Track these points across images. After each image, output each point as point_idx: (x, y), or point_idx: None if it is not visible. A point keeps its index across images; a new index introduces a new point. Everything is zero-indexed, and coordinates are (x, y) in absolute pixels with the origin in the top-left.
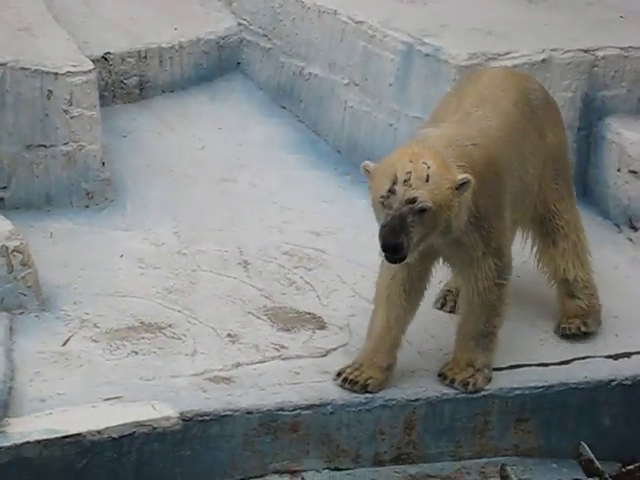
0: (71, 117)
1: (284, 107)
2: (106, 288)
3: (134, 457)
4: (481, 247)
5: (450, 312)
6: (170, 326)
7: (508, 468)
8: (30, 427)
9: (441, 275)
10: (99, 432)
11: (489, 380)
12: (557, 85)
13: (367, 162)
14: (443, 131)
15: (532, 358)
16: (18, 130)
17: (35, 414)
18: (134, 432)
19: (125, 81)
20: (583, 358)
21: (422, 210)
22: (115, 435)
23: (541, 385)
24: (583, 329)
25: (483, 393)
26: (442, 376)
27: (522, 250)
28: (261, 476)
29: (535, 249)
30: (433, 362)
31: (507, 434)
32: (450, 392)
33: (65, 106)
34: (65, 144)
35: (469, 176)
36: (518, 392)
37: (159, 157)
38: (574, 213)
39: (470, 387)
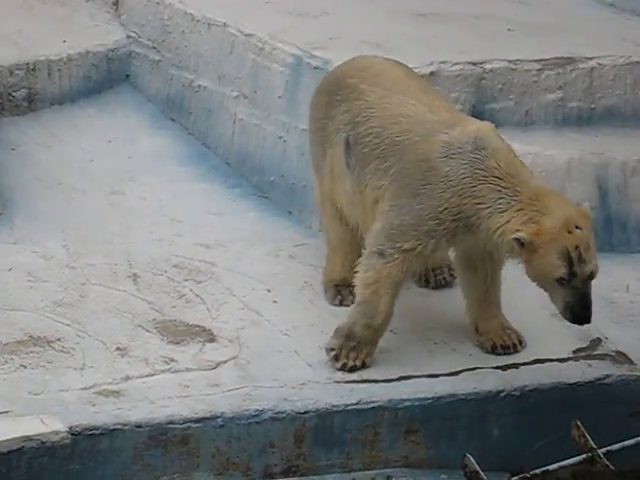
0: None
1: (174, 120)
2: None
3: (23, 472)
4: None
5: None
6: (59, 340)
7: None
8: None
9: None
10: None
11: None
12: (446, 97)
13: (521, 235)
14: (498, 146)
15: (421, 369)
16: None
17: None
18: (23, 447)
19: (13, 94)
20: (472, 369)
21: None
22: (3, 450)
23: (430, 396)
24: (451, 272)
25: (372, 405)
26: (491, 348)
27: None
28: None
29: None
30: (324, 374)
31: (397, 445)
32: (340, 404)
33: None
34: None
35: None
36: (407, 403)
37: (48, 170)
38: None
39: (516, 342)
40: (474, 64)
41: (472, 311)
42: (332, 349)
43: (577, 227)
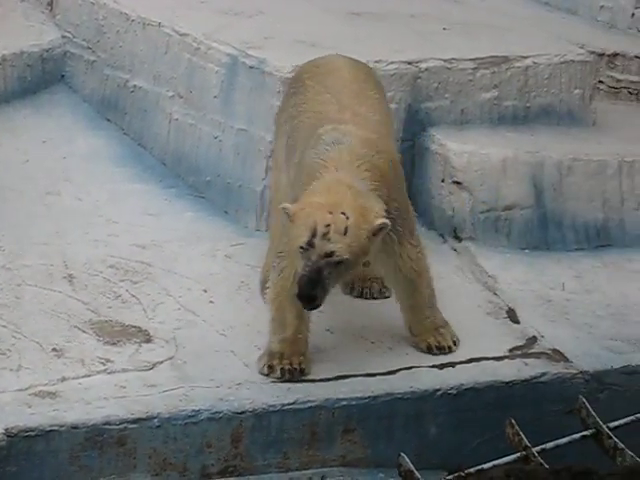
0: None
1: (109, 120)
2: None
3: None
4: (397, 242)
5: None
6: None
7: None
8: None
9: None
10: None
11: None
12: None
13: (286, 205)
14: (350, 143)
15: (358, 368)
16: None
17: None
18: None
19: None
20: (409, 368)
21: (339, 262)
22: None
23: (367, 395)
24: (383, 291)
25: (310, 404)
26: (427, 348)
27: None
28: None
29: None
30: (259, 374)
31: (334, 445)
32: (277, 404)
33: None
34: None
35: (386, 221)
36: (344, 403)
37: None
38: None
39: (450, 343)
40: (409, 63)
41: (404, 314)
42: (264, 366)
43: (343, 214)
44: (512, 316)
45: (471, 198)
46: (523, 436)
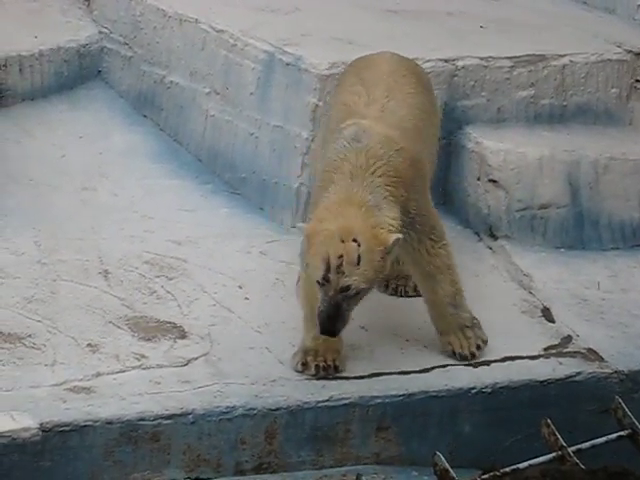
0: None
1: (145, 116)
2: None
3: None
4: (416, 239)
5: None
6: (30, 336)
7: (363, 478)
8: None
9: None
10: None
11: (480, 328)
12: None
13: (301, 225)
14: (367, 144)
15: (393, 366)
16: None
17: None
18: None
19: None
20: (443, 366)
21: (356, 293)
22: None
23: (402, 393)
24: (418, 289)
25: (344, 402)
26: (452, 353)
27: None
28: None
29: None
30: (294, 371)
31: (368, 442)
32: (311, 401)
33: None
34: None
35: (399, 236)
36: (379, 400)
37: (19, 166)
38: None
39: (476, 346)
40: (446, 61)
41: (428, 310)
42: (298, 363)
43: (354, 240)
44: (547, 315)
45: (507, 196)
46: (559, 436)
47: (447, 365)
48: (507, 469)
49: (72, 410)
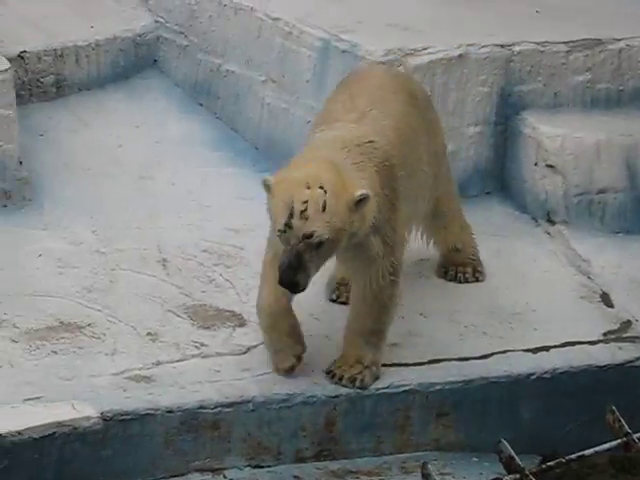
0: None
1: (201, 104)
2: (24, 288)
3: (55, 458)
4: (380, 248)
5: (345, 304)
6: (90, 325)
7: (429, 466)
8: None
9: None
10: (19, 433)
11: (377, 378)
12: (474, 80)
13: (267, 177)
14: (339, 132)
15: (452, 352)
16: None
17: None
18: (55, 432)
19: (41, 79)
20: (503, 352)
21: (320, 243)
22: (36, 436)
23: (461, 379)
24: (477, 275)
25: (403, 389)
26: (330, 374)
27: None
28: (183, 475)
29: (426, 235)
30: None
31: (428, 429)
32: (371, 388)
33: None
34: None
35: (366, 191)
36: (438, 387)
37: (76, 155)
38: (457, 199)
39: (357, 383)
40: (502, 46)
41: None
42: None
43: (321, 187)
44: (606, 300)
45: (564, 181)
46: (624, 422)
47: (506, 351)
48: (572, 456)
49: (132, 399)
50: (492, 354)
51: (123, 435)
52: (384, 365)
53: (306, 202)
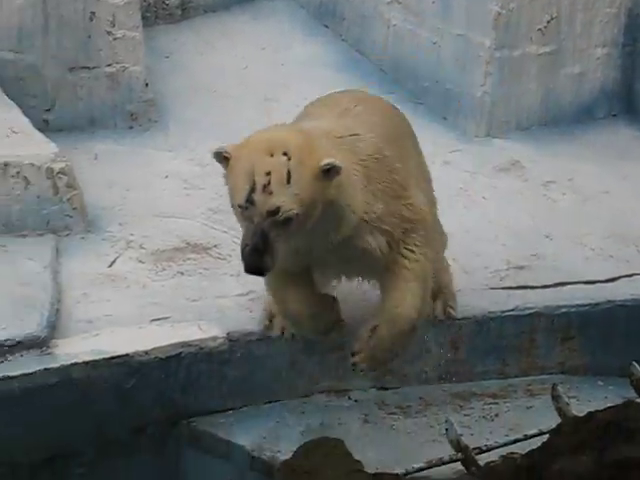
0: (114, 39)
1: (327, 26)
2: (151, 209)
3: (181, 377)
4: (385, 248)
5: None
6: (215, 247)
7: (559, 388)
8: (78, 348)
9: None
10: (146, 352)
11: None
12: (601, 1)
13: (222, 146)
14: (319, 123)
15: (578, 276)
16: (61, 53)
17: (82, 335)
18: (181, 352)
19: (167, 2)
20: (629, 275)
21: (287, 219)
22: (162, 355)
23: (587, 302)
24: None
25: (529, 311)
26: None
27: None
28: (307, 396)
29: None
30: (479, 280)
31: (553, 352)
32: (496, 310)
33: (108, 28)
34: (108, 66)
35: (332, 160)
36: (564, 310)
37: (201, 77)
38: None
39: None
40: None
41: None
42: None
43: (285, 154)
44: None
45: None
46: None
47: (633, 274)
48: None
49: (258, 319)
50: (619, 277)
51: (248, 355)
52: (509, 288)
53: (269, 173)
